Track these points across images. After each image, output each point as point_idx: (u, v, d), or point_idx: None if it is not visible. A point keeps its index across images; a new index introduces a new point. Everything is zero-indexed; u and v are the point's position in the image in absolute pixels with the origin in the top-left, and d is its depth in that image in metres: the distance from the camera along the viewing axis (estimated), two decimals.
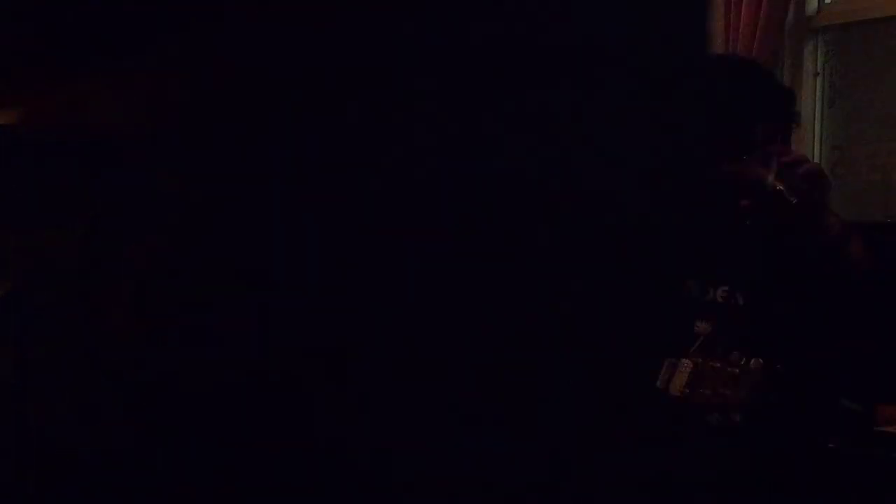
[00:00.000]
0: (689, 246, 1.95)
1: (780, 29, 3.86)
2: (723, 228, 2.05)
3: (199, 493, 2.00)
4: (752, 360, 1.61)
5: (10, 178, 3.56)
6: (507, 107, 1.27)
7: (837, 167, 3.95)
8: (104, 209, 2.26)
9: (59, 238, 2.32)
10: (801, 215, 1.83)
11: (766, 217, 1.90)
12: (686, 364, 1.66)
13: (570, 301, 1.32)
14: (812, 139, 3.97)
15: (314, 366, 1.37)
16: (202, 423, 2.11)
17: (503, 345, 1.33)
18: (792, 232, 1.91)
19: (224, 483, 1.73)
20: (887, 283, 1.93)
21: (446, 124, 1.28)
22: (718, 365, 1.63)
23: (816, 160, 3.97)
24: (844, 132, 3.94)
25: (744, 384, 1.59)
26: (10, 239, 3.64)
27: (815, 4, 3.99)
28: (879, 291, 1.92)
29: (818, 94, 3.98)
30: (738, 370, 1.61)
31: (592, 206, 1.31)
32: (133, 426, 2.61)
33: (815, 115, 3.97)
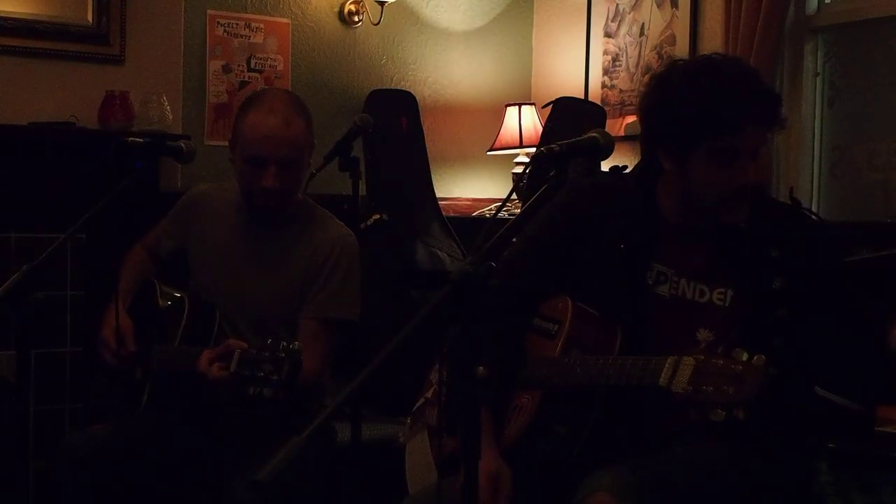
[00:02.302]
0: None
1: (780, 29, 3.86)
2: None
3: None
4: (755, 357, 1.60)
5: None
6: None
7: (837, 167, 3.95)
8: None
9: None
10: None
11: None
12: (688, 361, 1.66)
13: None
14: (812, 139, 3.97)
15: None
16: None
17: None
18: None
19: None
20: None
21: None
22: (721, 362, 1.62)
23: (816, 160, 3.98)
24: (844, 132, 3.94)
25: (747, 381, 1.58)
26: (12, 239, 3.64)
27: (815, 4, 3.99)
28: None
29: (818, 94, 3.98)
30: (741, 367, 1.60)
31: None
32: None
33: (815, 115, 3.97)
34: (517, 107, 4.67)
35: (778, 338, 1.93)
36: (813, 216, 2.10)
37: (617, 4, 4.66)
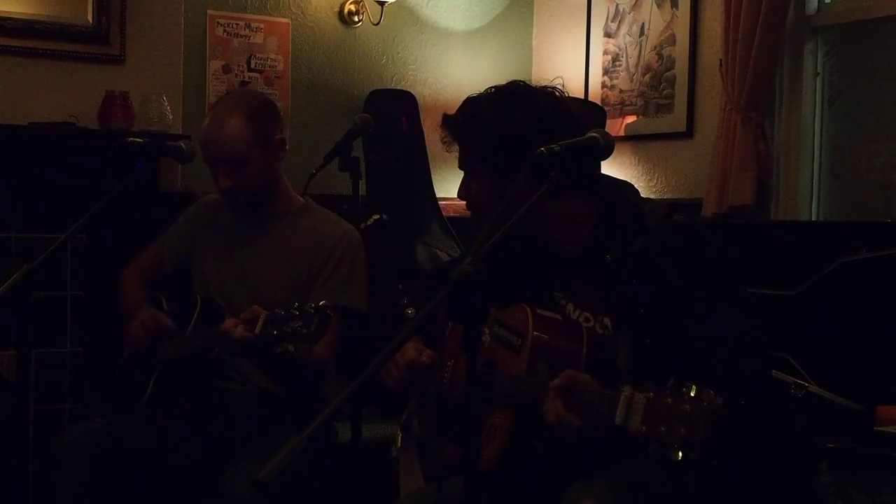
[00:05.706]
0: None
1: (780, 29, 3.86)
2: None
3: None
4: (703, 393, 1.55)
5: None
6: None
7: (837, 167, 3.95)
8: None
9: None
10: None
11: None
12: (640, 400, 1.61)
13: None
14: (812, 139, 3.97)
15: None
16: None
17: None
18: None
19: None
20: None
21: None
22: (670, 401, 1.57)
23: (816, 160, 3.98)
24: (844, 132, 3.94)
25: (697, 422, 1.53)
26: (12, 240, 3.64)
27: (815, 4, 3.99)
28: None
29: (818, 94, 3.98)
30: (688, 407, 1.55)
31: None
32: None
33: (815, 115, 3.97)
34: None
35: (653, 366, 1.82)
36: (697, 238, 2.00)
37: (617, 4, 4.66)
